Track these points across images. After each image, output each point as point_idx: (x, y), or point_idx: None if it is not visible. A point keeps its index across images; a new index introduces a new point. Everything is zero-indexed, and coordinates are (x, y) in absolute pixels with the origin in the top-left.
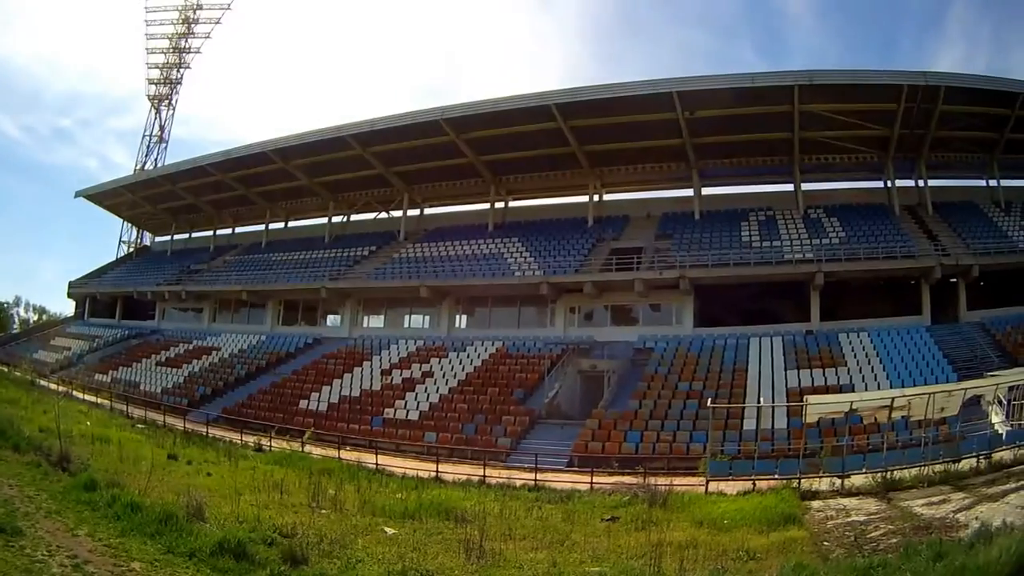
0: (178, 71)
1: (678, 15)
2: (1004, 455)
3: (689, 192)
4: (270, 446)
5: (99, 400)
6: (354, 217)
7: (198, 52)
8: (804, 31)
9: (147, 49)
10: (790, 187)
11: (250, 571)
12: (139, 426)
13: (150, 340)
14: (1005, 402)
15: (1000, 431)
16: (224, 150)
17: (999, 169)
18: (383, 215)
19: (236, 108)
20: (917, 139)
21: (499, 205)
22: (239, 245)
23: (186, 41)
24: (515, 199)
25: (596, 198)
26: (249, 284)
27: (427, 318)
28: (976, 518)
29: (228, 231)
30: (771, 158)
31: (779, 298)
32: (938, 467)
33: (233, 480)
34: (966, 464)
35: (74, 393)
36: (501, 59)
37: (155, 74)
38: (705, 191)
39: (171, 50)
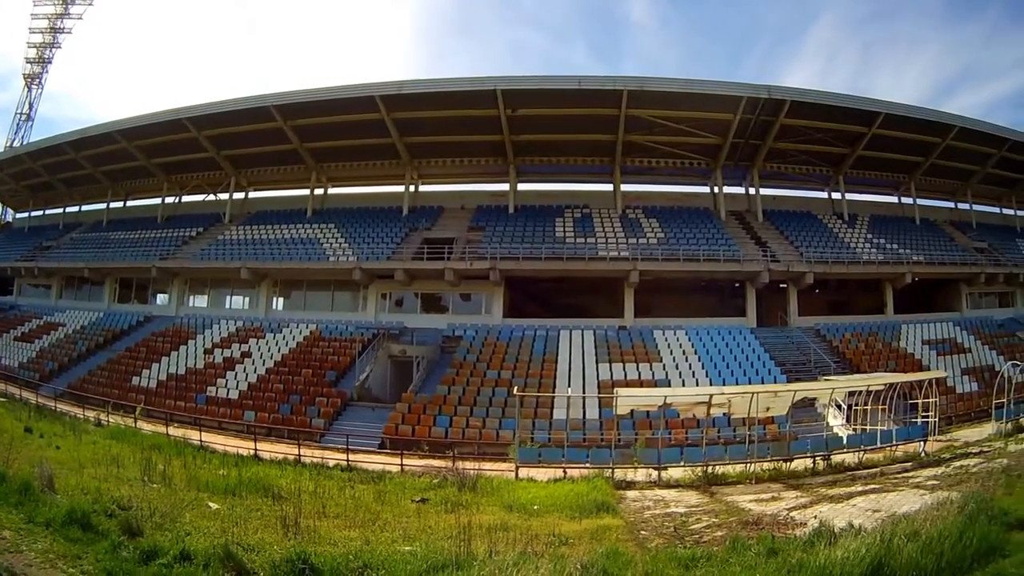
0: (51, 50)
1: (512, 16)
2: (847, 458)
3: (505, 187)
4: (108, 421)
5: None
6: (186, 198)
7: (69, 32)
8: (645, 38)
9: (30, 29)
10: (609, 187)
11: (95, 540)
12: (2, 399)
13: (8, 315)
14: (845, 406)
15: (840, 434)
16: (79, 129)
17: (846, 183)
18: (212, 197)
19: (102, 88)
20: (752, 149)
21: (319, 191)
22: (84, 223)
23: (61, 21)
24: (335, 186)
25: (413, 188)
26: (90, 262)
27: (247, 299)
28: (815, 517)
29: (76, 209)
30: (592, 158)
31: (593, 293)
32: (767, 465)
33: (77, 453)
34: (800, 464)
35: None
36: (333, 49)
37: (32, 53)
38: (522, 186)
39: (48, 30)
